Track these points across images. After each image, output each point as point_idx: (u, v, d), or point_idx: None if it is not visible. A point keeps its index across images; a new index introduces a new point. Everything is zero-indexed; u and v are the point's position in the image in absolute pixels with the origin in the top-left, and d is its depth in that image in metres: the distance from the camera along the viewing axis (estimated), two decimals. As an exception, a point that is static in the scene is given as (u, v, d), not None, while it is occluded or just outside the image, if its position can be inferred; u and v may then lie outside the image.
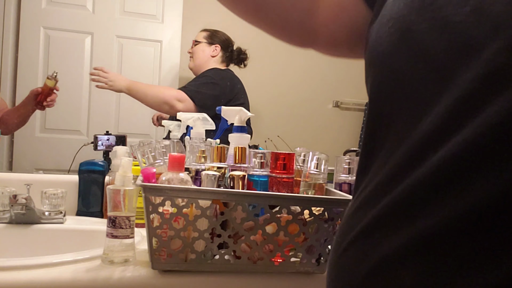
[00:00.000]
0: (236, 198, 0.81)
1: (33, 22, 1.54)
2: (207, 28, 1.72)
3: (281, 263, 0.86)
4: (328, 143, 1.84)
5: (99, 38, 1.61)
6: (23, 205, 1.05)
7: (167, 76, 1.67)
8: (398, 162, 0.38)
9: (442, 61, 0.36)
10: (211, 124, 1.21)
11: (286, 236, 0.84)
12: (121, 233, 0.82)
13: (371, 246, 0.38)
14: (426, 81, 0.37)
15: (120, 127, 1.62)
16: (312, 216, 0.85)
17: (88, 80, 1.59)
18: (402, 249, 0.35)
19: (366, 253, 0.39)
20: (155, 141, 1.01)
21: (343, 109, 1.88)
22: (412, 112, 0.38)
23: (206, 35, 1.71)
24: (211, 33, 1.71)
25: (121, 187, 0.84)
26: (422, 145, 0.36)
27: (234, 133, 1.07)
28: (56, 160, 1.54)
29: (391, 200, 0.37)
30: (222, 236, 0.82)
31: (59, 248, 1.00)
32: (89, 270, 0.79)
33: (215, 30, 1.72)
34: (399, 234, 0.36)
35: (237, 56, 1.73)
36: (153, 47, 1.67)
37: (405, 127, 0.39)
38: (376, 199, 0.39)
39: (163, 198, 0.78)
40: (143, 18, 1.66)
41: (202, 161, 0.97)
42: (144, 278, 0.80)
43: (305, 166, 1.00)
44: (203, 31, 1.72)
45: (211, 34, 1.71)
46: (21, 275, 0.75)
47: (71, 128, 1.59)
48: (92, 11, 1.60)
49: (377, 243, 0.38)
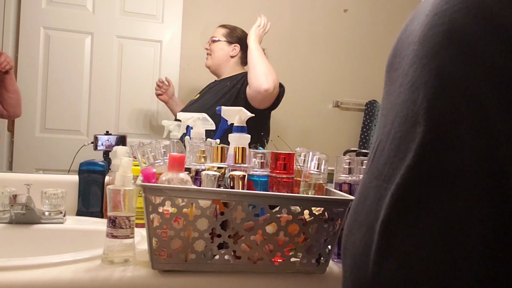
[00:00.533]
0: (236, 198, 0.81)
1: (33, 22, 1.54)
2: (225, 24, 1.66)
3: (281, 263, 0.86)
4: (328, 143, 1.84)
5: (99, 38, 1.61)
6: (23, 205, 1.05)
7: (167, 76, 1.67)
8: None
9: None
10: (211, 124, 1.21)
11: (286, 236, 0.84)
12: (121, 233, 0.82)
13: None
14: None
15: (120, 127, 1.62)
16: (312, 216, 0.85)
17: (88, 80, 1.59)
18: None
19: None
20: (155, 141, 1.01)
21: (343, 109, 1.88)
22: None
23: (225, 33, 1.65)
24: (230, 31, 1.66)
25: (121, 187, 0.84)
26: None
27: (234, 133, 1.07)
28: (56, 160, 1.54)
29: None
30: (222, 236, 0.82)
31: (59, 248, 1.00)
32: (89, 270, 0.79)
33: (234, 27, 1.66)
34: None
35: None
36: (153, 47, 1.67)
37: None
38: None
39: (163, 198, 0.78)
40: (143, 18, 1.66)
41: (202, 161, 0.97)
42: (144, 278, 0.80)
43: (305, 166, 1.00)
44: (221, 27, 1.66)
45: (230, 31, 1.65)
46: (21, 275, 0.75)
47: (71, 128, 1.59)
48: (92, 11, 1.60)
49: None
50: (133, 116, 1.65)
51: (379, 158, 0.49)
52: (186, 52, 1.70)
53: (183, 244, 0.81)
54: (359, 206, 0.51)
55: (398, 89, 0.49)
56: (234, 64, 1.65)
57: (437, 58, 0.43)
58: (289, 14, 1.83)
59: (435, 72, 0.43)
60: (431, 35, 0.44)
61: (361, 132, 1.87)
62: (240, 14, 1.77)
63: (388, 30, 1.92)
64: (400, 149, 0.45)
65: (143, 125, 1.66)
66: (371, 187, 0.49)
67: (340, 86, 1.88)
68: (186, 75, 1.70)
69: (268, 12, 1.76)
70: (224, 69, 1.65)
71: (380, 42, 1.91)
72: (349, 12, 1.87)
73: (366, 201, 0.49)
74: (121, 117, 1.63)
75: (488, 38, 0.39)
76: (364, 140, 1.87)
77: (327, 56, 1.85)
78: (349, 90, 1.88)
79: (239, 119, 1.08)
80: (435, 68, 0.43)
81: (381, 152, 0.49)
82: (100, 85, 1.61)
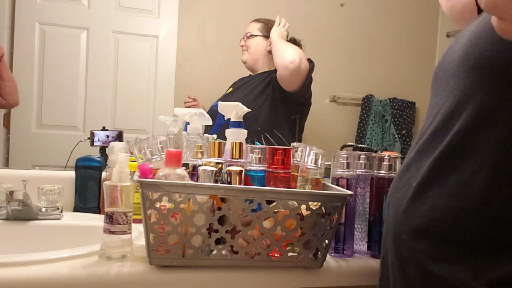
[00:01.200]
0: (233, 193, 0.81)
1: (28, 17, 1.53)
2: (259, 18, 1.65)
3: (278, 257, 0.86)
4: (325, 138, 1.84)
5: (95, 33, 1.60)
6: (20, 201, 1.04)
7: (164, 71, 1.67)
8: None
9: None
10: (207, 120, 1.21)
11: (283, 231, 0.84)
12: (118, 229, 0.82)
13: None
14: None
15: (117, 123, 1.61)
16: (309, 211, 0.85)
17: (84, 76, 1.58)
18: None
19: None
20: (152, 137, 1.01)
21: (340, 104, 1.88)
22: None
23: (261, 27, 1.64)
24: (265, 24, 1.64)
25: (118, 182, 0.84)
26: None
27: (231, 128, 1.07)
28: (52, 156, 1.54)
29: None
30: (220, 231, 0.82)
31: (56, 244, 1.00)
32: (87, 266, 0.79)
33: (268, 20, 1.65)
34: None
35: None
36: (149, 42, 1.66)
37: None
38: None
39: (160, 193, 0.78)
40: (139, 13, 1.65)
41: (199, 157, 0.97)
42: (141, 273, 0.80)
43: (302, 161, 1.00)
44: (255, 21, 1.65)
45: (265, 25, 1.64)
46: (18, 271, 0.75)
47: (68, 124, 1.58)
48: (88, 6, 1.59)
49: None
50: (130, 112, 1.64)
51: (422, 139, 0.68)
52: (183, 47, 1.70)
53: (180, 239, 0.81)
54: (403, 172, 0.70)
55: (441, 93, 0.68)
56: (271, 59, 1.63)
57: (470, 75, 0.62)
58: (285, 9, 1.82)
59: (468, 85, 0.62)
60: (465, 60, 0.63)
61: (358, 127, 1.88)
62: (236, 9, 1.76)
63: (385, 24, 1.91)
64: (438, 134, 0.65)
65: (140, 121, 1.65)
66: (415, 159, 0.68)
67: (337, 80, 1.88)
68: (183, 70, 1.70)
69: (264, 7, 1.75)
70: (261, 64, 1.65)
71: (377, 37, 1.91)
72: (345, 7, 1.86)
73: (409, 168, 0.69)
74: (118, 113, 1.62)
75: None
76: (361, 135, 1.87)
77: (324, 51, 1.85)
78: (346, 85, 1.88)
79: (236, 114, 1.08)
80: (468, 82, 0.62)
81: (423, 135, 0.68)
82: (96, 81, 1.60)
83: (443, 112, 0.65)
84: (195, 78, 1.71)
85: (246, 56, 1.65)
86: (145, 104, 1.64)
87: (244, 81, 1.66)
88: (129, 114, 1.64)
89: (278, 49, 1.54)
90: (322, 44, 1.85)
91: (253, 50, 1.64)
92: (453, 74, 0.65)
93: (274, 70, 1.59)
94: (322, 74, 1.87)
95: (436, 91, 0.70)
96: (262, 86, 1.59)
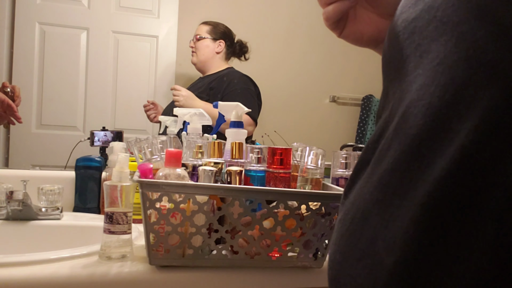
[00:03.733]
0: (233, 193, 0.81)
1: (28, 17, 1.53)
2: (208, 21, 1.69)
3: (278, 258, 0.86)
4: (325, 138, 1.84)
5: (95, 33, 1.60)
6: (20, 201, 1.04)
7: (164, 72, 1.67)
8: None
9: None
10: (207, 120, 1.21)
11: (283, 231, 0.84)
12: (118, 229, 0.82)
13: None
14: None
15: (117, 123, 1.61)
16: (309, 211, 0.85)
17: (84, 76, 1.58)
18: None
19: None
20: (152, 137, 1.01)
21: (340, 104, 1.88)
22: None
23: (209, 30, 1.68)
24: (214, 27, 1.68)
25: (118, 182, 0.84)
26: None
27: (231, 128, 1.07)
28: (52, 156, 1.54)
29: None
30: (220, 231, 0.82)
31: (56, 244, 1.00)
32: (86, 266, 0.79)
33: (216, 23, 1.69)
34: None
35: (239, 49, 1.72)
36: (149, 43, 1.66)
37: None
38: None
39: (160, 193, 0.78)
40: (139, 13, 1.65)
41: (199, 157, 0.97)
42: (141, 273, 0.80)
43: (302, 161, 1.00)
44: (204, 24, 1.69)
45: (214, 28, 1.68)
46: (18, 271, 0.75)
47: (67, 124, 1.58)
48: (88, 6, 1.59)
49: None
50: (130, 112, 1.64)
51: (380, 163, 0.35)
52: (182, 47, 1.70)
53: (180, 239, 0.81)
54: (357, 225, 0.36)
55: (408, 77, 0.35)
56: (219, 60, 1.68)
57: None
58: (285, 9, 1.82)
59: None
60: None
61: (358, 127, 1.88)
62: (236, 9, 1.76)
63: (385, 24, 1.91)
64: (420, 152, 0.32)
65: (140, 121, 1.65)
66: (373, 202, 0.35)
67: (337, 80, 1.88)
68: (183, 70, 1.70)
69: (264, 7, 1.75)
70: (210, 65, 1.68)
71: (377, 37, 1.90)
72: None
73: (367, 221, 0.35)
74: (118, 113, 1.62)
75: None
76: (361, 135, 1.87)
77: (324, 51, 1.85)
78: (346, 85, 1.88)
79: (235, 114, 1.08)
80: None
81: (384, 155, 0.35)
82: (96, 81, 1.60)
83: (420, 105, 0.54)
84: (195, 78, 1.71)
85: (195, 58, 1.69)
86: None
87: (193, 84, 1.70)
88: (129, 114, 1.64)
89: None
90: (322, 44, 1.85)
91: (201, 53, 1.68)
92: (432, 34, 0.40)
93: (225, 70, 1.66)
94: (322, 74, 1.87)
95: (391, 83, 0.56)
96: (213, 87, 1.64)
